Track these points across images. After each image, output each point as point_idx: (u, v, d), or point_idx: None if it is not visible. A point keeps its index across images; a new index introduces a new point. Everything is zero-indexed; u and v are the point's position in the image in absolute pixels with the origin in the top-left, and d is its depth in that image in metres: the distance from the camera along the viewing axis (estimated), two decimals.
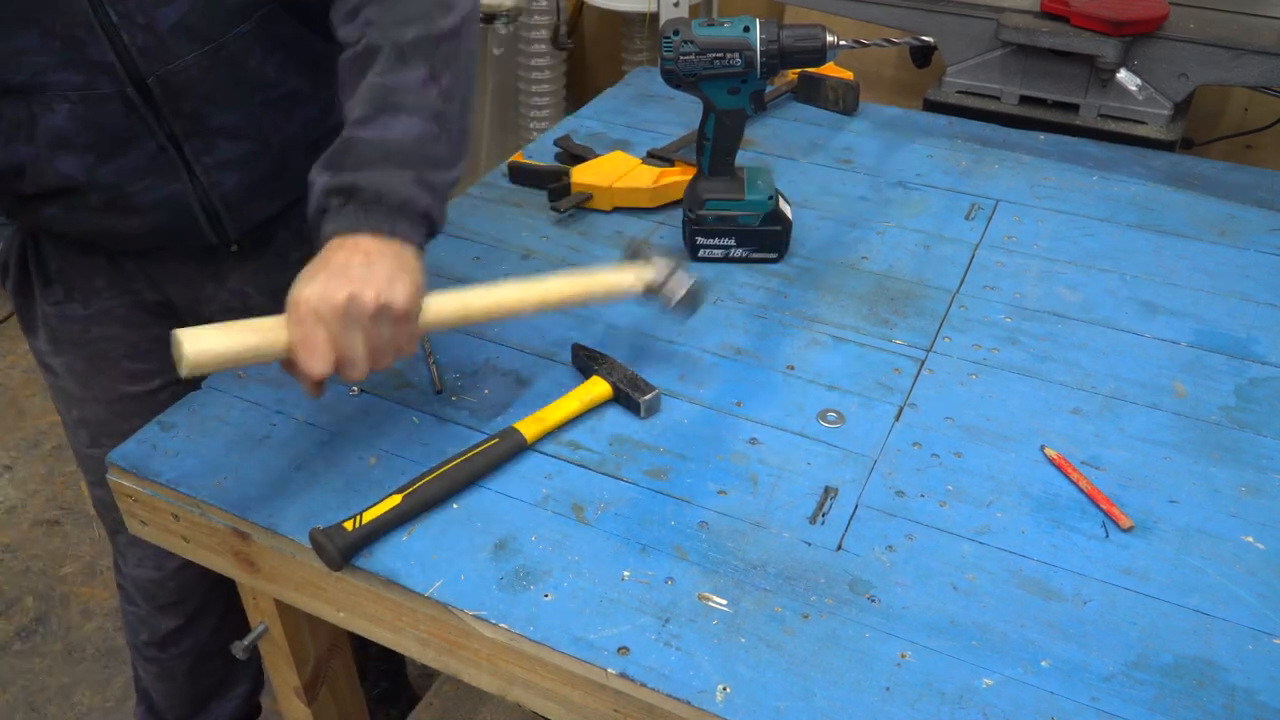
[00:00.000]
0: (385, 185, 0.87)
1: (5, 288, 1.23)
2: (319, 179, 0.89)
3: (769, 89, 1.54)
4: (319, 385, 0.85)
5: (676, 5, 2.45)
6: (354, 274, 0.83)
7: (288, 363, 0.85)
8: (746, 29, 1.12)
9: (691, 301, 1.04)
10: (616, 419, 1.00)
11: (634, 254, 1.06)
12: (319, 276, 0.83)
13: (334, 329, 0.82)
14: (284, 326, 0.83)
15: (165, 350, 1.23)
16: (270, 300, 1.20)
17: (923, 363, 1.07)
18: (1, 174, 1.04)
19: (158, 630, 1.38)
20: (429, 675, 1.78)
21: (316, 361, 0.82)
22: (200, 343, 0.81)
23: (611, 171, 1.34)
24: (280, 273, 1.21)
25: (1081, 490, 0.91)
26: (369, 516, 0.86)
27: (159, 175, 1.05)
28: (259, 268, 1.20)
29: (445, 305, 0.91)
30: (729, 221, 1.21)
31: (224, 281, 1.20)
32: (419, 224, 0.89)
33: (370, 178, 0.87)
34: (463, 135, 0.95)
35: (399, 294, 0.83)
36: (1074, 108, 1.71)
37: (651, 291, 1.03)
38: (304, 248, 0.90)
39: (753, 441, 0.97)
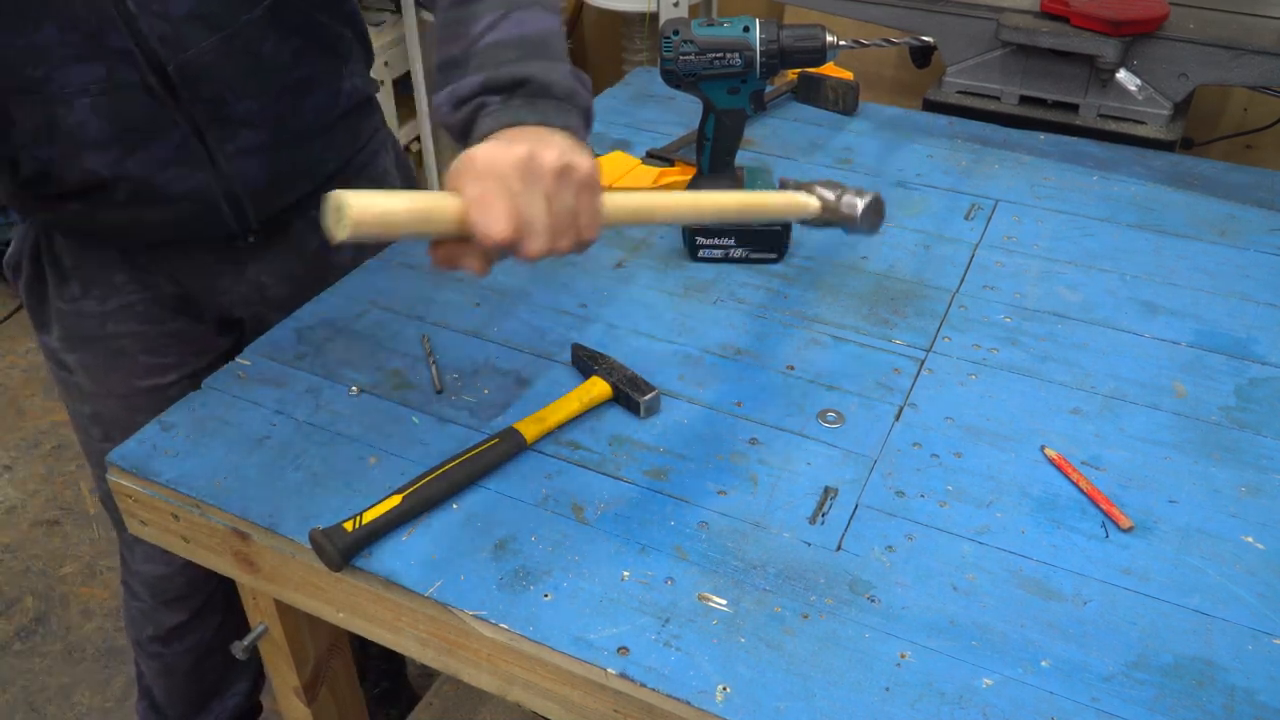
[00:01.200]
0: (550, 76, 0.80)
1: (16, 285, 1.24)
2: (466, 82, 0.82)
3: (769, 89, 1.54)
4: (489, 260, 0.75)
5: (676, 5, 2.45)
6: (530, 136, 0.75)
7: (446, 246, 0.76)
8: (746, 29, 1.12)
9: (876, 215, 0.95)
10: (616, 419, 1.00)
11: (794, 189, 0.99)
12: (490, 142, 0.75)
13: (513, 185, 0.73)
14: (450, 195, 0.74)
15: (180, 344, 1.25)
16: (288, 290, 1.21)
17: (922, 363, 1.07)
18: (29, 179, 1.04)
19: (161, 625, 1.39)
20: (429, 675, 1.78)
21: (494, 220, 0.72)
22: (365, 199, 0.71)
23: (611, 171, 1.34)
24: (296, 263, 1.22)
25: (1081, 490, 0.91)
26: (369, 517, 0.86)
27: (185, 165, 1.05)
28: (276, 257, 1.21)
29: (627, 199, 0.83)
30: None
31: (242, 272, 1.20)
32: (584, 120, 0.82)
33: (532, 68, 0.80)
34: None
35: (583, 159, 0.75)
36: (1074, 108, 1.71)
37: (829, 212, 0.95)
38: (321, 236, 0.88)
39: (752, 441, 0.97)
